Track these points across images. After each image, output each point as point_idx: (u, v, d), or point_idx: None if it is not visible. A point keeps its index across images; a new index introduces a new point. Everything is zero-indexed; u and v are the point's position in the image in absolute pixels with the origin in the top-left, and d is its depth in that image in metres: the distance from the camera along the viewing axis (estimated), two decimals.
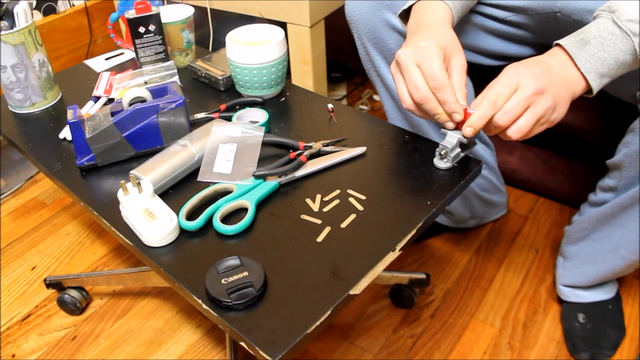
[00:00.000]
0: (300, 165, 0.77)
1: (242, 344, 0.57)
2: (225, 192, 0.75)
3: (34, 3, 1.60)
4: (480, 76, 1.16)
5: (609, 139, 1.05)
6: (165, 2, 1.27)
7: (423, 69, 0.69)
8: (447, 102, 0.69)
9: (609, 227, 0.92)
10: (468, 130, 0.70)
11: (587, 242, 0.98)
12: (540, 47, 1.02)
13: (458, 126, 0.73)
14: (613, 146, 0.90)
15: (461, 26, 0.96)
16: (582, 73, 0.69)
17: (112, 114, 0.81)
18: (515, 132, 0.67)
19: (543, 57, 0.70)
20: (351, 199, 0.73)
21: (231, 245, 0.67)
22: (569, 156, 1.26)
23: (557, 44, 0.71)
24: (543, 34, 0.96)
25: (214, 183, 0.75)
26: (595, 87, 0.69)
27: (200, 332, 1.10)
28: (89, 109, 0.97)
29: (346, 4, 0.96)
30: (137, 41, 1.01)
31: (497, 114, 0.67)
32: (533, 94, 0.66)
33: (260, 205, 0.73)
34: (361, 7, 0.92)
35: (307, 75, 1.35)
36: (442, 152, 0.75)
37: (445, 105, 0.70)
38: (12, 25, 0.92)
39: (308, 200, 0.73)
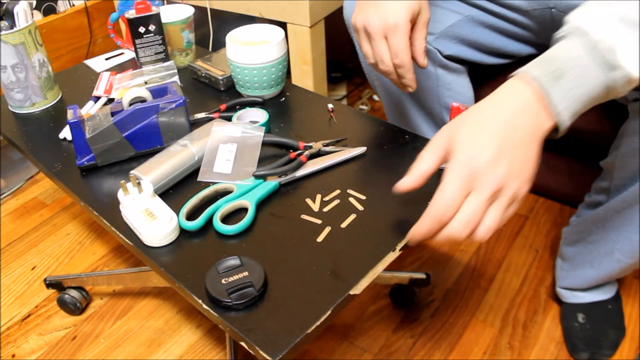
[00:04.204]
0: (300, 165, 0.77)
1: (242, 344, 0.57)
2: (225, 192, 0.75)
3: (34, 3, 1.60)
4: (480, 75, 1.16)
5: (609, 139, 1.05)
6: (165, 2, 1.27)
7: (390, 44, 0.74)
8: (405, 77, 0.76)
9: (603, 231, 0.92)
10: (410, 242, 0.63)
11: (583, 245, 0.98)
12: (539, 46, 1.02)
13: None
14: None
15: (460, 21, 0.96)
16: (553, 113, 0.56)
17: (112, 114, 0.81)
18: (484, 235, 0.57)
19: (503, 106, 0.57)
20: (351, 199, 0.73)
21: (231, 245, 0.67)
22: (568, 156, 1.26)
23: (523, 72, 0.58)
24: (541, 32, 0.96)
25: (214, 183, 0.75)
26: (564, 130, 0.58)
27: (200, 332, 1.10)
28: (89, 109, 0.97)
29: (344, 6, 0.96)
30: (137, 41, 1.01)
31: (452, 227, 0.56)
32: (492, 193, 0.55)
33: (261, 205, 0.73)
34: None
35: (307, 75, 1.35)
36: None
37: (403, 80, 0.77)
38: (12, 25, 0.92)
39: (308, 200, 0.73)
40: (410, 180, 0.61)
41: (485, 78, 1.18)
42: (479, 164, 0.54)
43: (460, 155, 0.55)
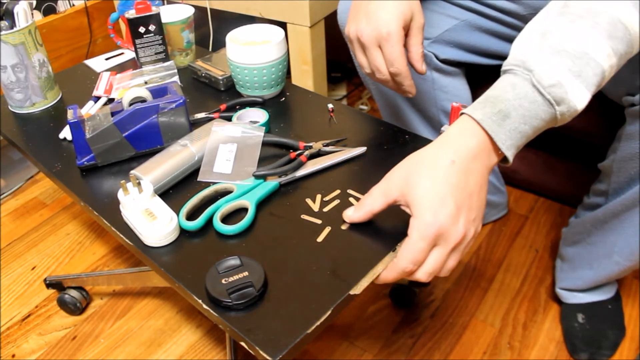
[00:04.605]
0: (301, 165, 0.77)
1: (243, 344, 0.57)
2: (225, 192, 0.75)
3: (34, 3, 1.60)
4: (478, 76, 1.16)
5: (609, 140, 1.05)
6: (165, 2, 1.27)
7: (384, 53, 0.73)
8: (403, 84, 0.76)
9: (602, 233, 0.92)
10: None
11: (582, 246, 0.98)
12: None
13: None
14: None
15: (456, 26, 0.96)
16: (500, 151, 0.59)
17: (112, 114, 0.81)
18: (446, 274, 0.62)
19: (456, 155, 0.58)
20: (351, 199, 0.73)
21: (231, 245, 0.67)
22: (568, 157, 1.26)
23: (467, 115, 0.60)
24: None
25: (214, 183, 0.75)
26: (512, 159, 0.60)
27: (200, 332, 1.10)
28: (89, 109, 0.97)
29: (338, 11, 0.96)
30: (137, 41, 1.01)
31: (417, 276, 0.60)
32: (455, 245, 0.58)
33: (261, 205, 0.73)
34: None
35: (307, 75, 1.35)
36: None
37: (401, 87, 0.77)
38: (12, 25, 0.92)
39: (308, 200, 0.73)
40: (358, 215, 0.66)
41: (483, 78, 1.18)
42: (441, 224, 0.57)
43: (423, 216, 0.57)
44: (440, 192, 0.57)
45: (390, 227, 0.68)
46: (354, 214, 0.66)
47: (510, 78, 0.59)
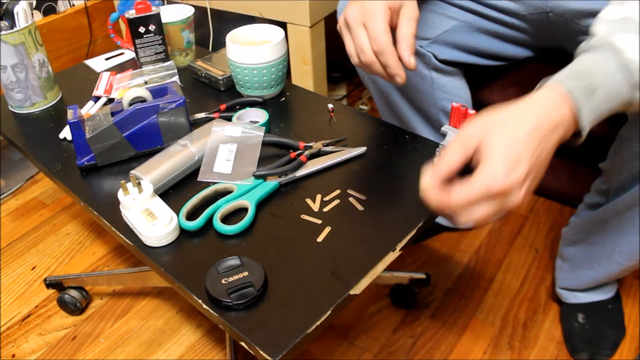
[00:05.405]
0: (301, 165, 0.77)
1: (243, 344, 0.57)
2: (225, 192, 0.75)
3: (34, 3, 1.60)
4: (478, 76, 1.16)
5: (610, 140, 1.05)
6: (165, 2, 1.27)
7: (368, 30, 0.70)
8: (388, 65, 0.70)
9: (603, 232, 0.92)
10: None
11: (583, 246, 0.98)
12: (536, 48, 1.02)
13: (456, 125, 0.73)
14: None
15: (456, 27, 0.96)
16: (579, 127, 0.58)
17: (112, 114, 0.81)
18: (466, 223, 0.59)
19: (542, 120, 0.56)
20: (351, 199, 0.73)
21: (231, 245, 0.67)
22: (569, 157, 1.26)
23: (555, 84, 0.58)
24: (538, 35, 0.96)
25: (214, 183, 0.75)
26: (581, 142, 0.60)
27: (200, 332, 1.10)
28: (89, 109, 0.97)
29: (338, 11, 0.96)
30: (137, 41, 1.01)
31: (459, 220, 0.58)
32: (509, 207, 0.57)
33: (261, 205, 0.73)
34: None
35: (307, 75, 1.35)
36: (442, 152, 0.75)
37: (387, 69, 0.70)
38: (12, 25, 0.92)
39: (308, 200, 0.73)
40: (439, 173, 0.58)
41: (482, 78, 1.18)
42: (509, 184, 0.54)
43: (496, 169, 0.55)
44: (518, 154, 0.55)
45: (390, 227, 0.68)
46: (432, 177, 0.58)
47: (596, 56, 0.58)
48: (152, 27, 1.00)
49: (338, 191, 0.74)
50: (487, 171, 0.55)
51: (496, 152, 0.55)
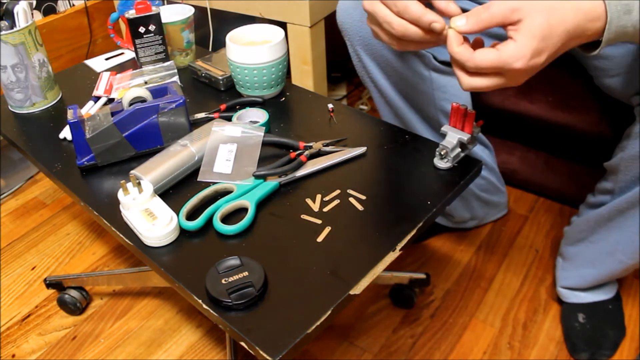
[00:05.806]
0: (301, 165, 0.77)
1: (243, 344, 0.57)
2: (225, 192, 0.75)
3: (34, 3, 1.60)
4: None
5: (609, 140, 1.05)
6: (165, 2, 1.27)
7: (387, 4, 0.64)
8: (417, 17, 0.62)
9: (606, 230, 0.92)
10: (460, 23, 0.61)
11: (585, 245, 0.98)
12: None
13: (460, 126, 0.73)
14: (613, 147, 0.90)
15: None
16: (601, 37, 0.60)
17: (112, 114, 0.81)
18: (468, 88, 0.62)
19: (579, 11, 0.58)
20: (351, 199, 0.73)
21: (231, 245, 0.67)
22: (569, 157, 1.26)
23: None
24: None
25: (214, 183, 0.75)
26: (599, 51, 0.61)
27: (200, 332, 1.10)
28: (89, 109, 0.97)
29: (337, 11, 0.96)
30: (137, 41, 1.01)
31: (462, 79, 0.61)
32: (513, 82, 0.60)
33: (261, 205, 0.73)
34: (352, 14, 0.91)
35: (307, 75, 1.35)
36: (442, 152, 0.75)
37: (419, 22, 0.62)
38: (12, 25, 0.92)
39: (308, 200, 0.73)
40: (475, 22, 0.60)
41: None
42: (526, 68, 0.57)
43: (525, 51, 0.57)
44: (546, 46, 0.57)
45: (390, 227, 0.68)
46: (467, 23, 0.60)
47: None
48: (152, 27, 1.00)
49: (338, 191, 0.74)
50: (518, 49, 0.57)
51: (532, 37, 0.57)
